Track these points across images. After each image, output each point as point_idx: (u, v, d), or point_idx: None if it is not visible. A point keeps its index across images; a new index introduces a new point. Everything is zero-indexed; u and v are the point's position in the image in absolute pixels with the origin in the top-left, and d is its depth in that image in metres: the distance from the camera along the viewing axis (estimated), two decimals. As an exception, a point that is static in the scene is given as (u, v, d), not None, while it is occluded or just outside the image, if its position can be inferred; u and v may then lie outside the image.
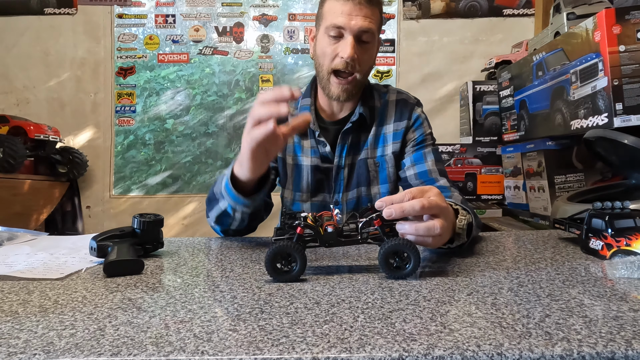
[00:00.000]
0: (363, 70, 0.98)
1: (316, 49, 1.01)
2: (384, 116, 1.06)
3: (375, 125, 1.06)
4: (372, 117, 1.06)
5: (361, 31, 0.93)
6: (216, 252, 0.77)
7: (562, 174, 1.58)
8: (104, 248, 0.67)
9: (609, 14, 1.17)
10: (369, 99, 1.07)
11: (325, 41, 0.97)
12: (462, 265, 0.64)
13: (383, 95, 1.09)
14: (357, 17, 0.92)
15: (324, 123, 1.06)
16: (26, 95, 2.50)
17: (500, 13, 2.51)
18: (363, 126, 1.05)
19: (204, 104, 2.60)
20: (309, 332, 0.40)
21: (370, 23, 0.94)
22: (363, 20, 0.93)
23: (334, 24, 0.93)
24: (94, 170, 2.51)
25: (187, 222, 2.53)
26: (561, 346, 0.36)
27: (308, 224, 0.59)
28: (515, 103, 1.78)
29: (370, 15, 0.94)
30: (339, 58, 0.94)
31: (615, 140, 1.07)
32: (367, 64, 0.99)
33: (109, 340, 0.39)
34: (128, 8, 2.56)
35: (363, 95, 1.06)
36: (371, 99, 1.08)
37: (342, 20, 0.92)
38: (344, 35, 0.94)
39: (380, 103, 1.07)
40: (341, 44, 0.94)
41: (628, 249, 0.62)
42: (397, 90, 1.10)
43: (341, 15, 0.93)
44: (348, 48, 0.92)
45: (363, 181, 1.05)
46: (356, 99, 1.05)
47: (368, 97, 1.07)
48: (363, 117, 1.03)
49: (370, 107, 1.06)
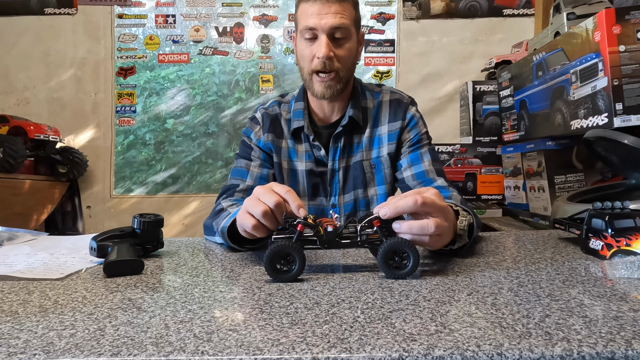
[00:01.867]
0: (344, 66, 0.98)
1: (297, 54, 1.02)
2: (377, 117, 1.06)
3: (370, 127, 1.05)
4: (365, 119, 1.05)
5: (333, 28, 0.94)
6: (216, 252, 0.77)
7: (562, 174, 1.58)
8: (104, 248, 0.67)
9: (609, 14, 1.17)
10: (360, 99, 1.06)
11: (302, 45, 0.98)
12: (462, 265, 0.63)
13: (376, 96, 1.08)
14: (327, 16, 0.93)
15: (317, 127, 1.06)
16: (26, 95, 2.50)
17: (500, 13, 2.51)
18: (355, 128, 1.04)
19: (204, 104, 2.60)
20: (309, 332, 0.40)
21: (342, 18, 0.94)
22: (333, 18, 0.93)
23: (307, 26, 0.94)
24: (94, 170, 2.51)
25: (188, 222, 2.53)
26: (561, 346, 0.36)
27: (308, 223, 0.59)
28: (515, 103, 1.78)
29: (341, 12, 0.94)
30: (316, 59, 0.95)
31: (615, 140, 1.06)
32: (348, 60, 0.98)
33: (109, 340, 0.39)
34: (128, 8, 2.56)
35: (353, 96, 1.05)
36: (363, 99, 1.07)
37: (313, 21, 0.93)
38: (317, 35, 0.95)
39: (373, 104, 1.07)
40: (316, 45, 0.95)
41: (628, 249, 0.62)
42: (390, 89, 1.10)
43: (312, 16, 0.93)
44: (322, 47, 0.93)
45: (359, 183, 1.05)
46: (346, 100, 1.04)
47: (359, 98, 1.06)
48: (353, 119, 1.02)
49: (363, 109, 1.06)
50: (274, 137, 1.05)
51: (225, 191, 1.01)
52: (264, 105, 1.10)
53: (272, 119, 1.06)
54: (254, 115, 1.09)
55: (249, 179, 1.02)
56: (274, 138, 1.05)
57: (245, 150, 1.07)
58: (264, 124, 1.06)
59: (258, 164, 1.04)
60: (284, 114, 1.07)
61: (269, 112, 1.07)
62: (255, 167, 1.04)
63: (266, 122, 1.06)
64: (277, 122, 1.06)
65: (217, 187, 2.59)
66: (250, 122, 1.08)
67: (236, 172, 1.05)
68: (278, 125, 1.06)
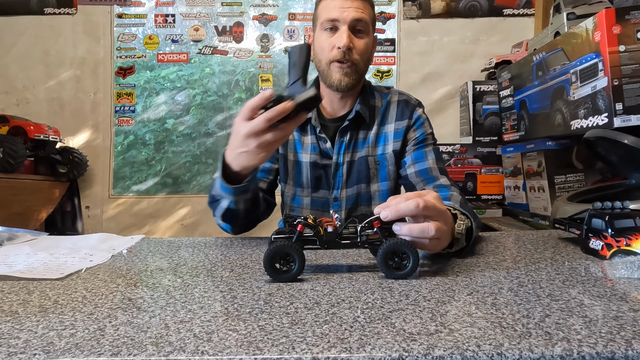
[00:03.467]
0: (362, 59, 1.02)
1: (315, 47, 1.05)
2: (385, 116, 1.09)
3: (377, 125, 1.08)
4: (372, 116, 1.08)
5: (355, 20, 0.98)
6: (216, 252, 0.77)
7: (562, 174, 1.58)
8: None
9: (609, 14, 1.17)
10: (369, 98, 1.09)
11: (322, 36, 1.02)
12: (462, 265, 0.64)
13: (385, 96, 1.11)
14: (349, 9, 0.98)
15: (324, 120, 1.09)
16: (26, 95, 2.50)
17: (500, 13, 2.51)
18: (362, 124, 1.07)
19: (204, 104, 2.60)
20: (309, 332, 0.40)
21: (363, 13, 1.00)
22: (355, 11, 0.98)
23: (328, 18, 0.99)
24: (94, 170, 2.51)
25: (187, 223, 2.53)
26: (561, 346, 0.36)
27: (308, 223, 0.59)
28: (515, 103, 1.78)
29: (362, 8, 1.00)
30: (336, 49, 0.99)
31: (615, 140, 1.06)
32: (364, 54, 1.02)
33: (109, 340, 0.39)
34: (128, 8, 2.56)
35: (362, 94, 1.08)
36: (372, 98, 1.10)
37: (335, 13, 0.98)
38: (338, 27, 0.99)
39: (381, 103, 1.10)
40: (337, 36, 0.99)
41: (628, 249, 0.62)
42: (398, 91, 1.13)
43: (334, 9, 0.99)
44: (344, 37, 0.97)
45: (363, 178, 1.06)
46: (355, 96, 1.08)
47: (368, 97, 1.09)
48: (360, 114, 1.05)
49: (370, 107, 1.09)
50: None
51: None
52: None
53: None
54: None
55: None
56: None
57: None
58: None
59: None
60: None
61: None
62: None
63: None
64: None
65: (217, 187, 2.58)
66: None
67: None
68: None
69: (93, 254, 0.73)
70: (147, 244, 0.84)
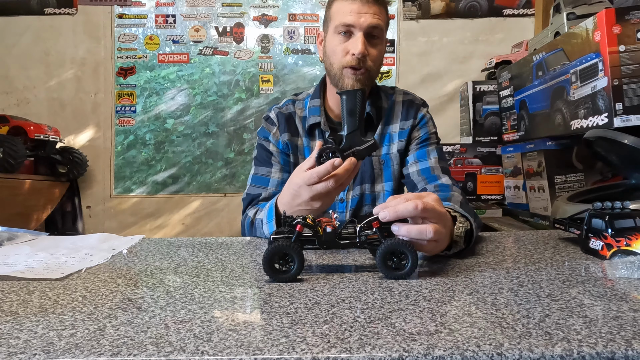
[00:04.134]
0: (375, 66, 1.00)
1: (326, 50, 1.03)
2: (390, 116, 1.09)
3: (382, 124, 1.08)
4: (379, 117, 1.08)
5: (370, 27, 0.96)
6: (216, 252, 0.77)
7: (562, 174, 1.58)
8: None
9: (609, 14, 1.17)
10: (376, 99, 1.09)
11: (335, 40, 0.99)
12: (462, 265, 0.63)
13: (390, 97, 1.11)
14: (365, 15, 0.95)
15: (332, 123, 1.08)
16: (26, 95, 2.50)
17: (500, 13, 2.51)
18: (369, 126, 1.07)
19: (204, 104, 2.60)
20: (309, 332, 0.40)
21: (379, 20, 0.96)
22: (372, 17, 0.95)
23: (344, 23, 0.96)
24: (94, 170, 2.51)
25: (188, 222, 2.53)
26: (561, 346, 0.36)
27: (307, 223, 0.59)
28: (515, 103, 1.78)
29: (378, 13, 0.97)
30: (350, 55, 0.96)
31: (615, 140, 1.06)
32: (377, 61, 1.01)
33: (109, 340, 0.39)
34: (128, 8, 2.56)
35: (370, 96, 1.08)
36: (378, 99, 1.10)
37: (351, 18, 0.95)
38: (353, 32, 0.96)
39: (387, 103, 1.10)
40: (351, 42, 0.96)
41: (628, 249, 0.62)
42: (403, 91, 1.13)
43: (350, 14, 0.95)
44: (359, 44, 0.94)
45: (367, 178, 1.06)
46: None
47: (375, 98, 1.09)
48: (370, 116, 1.06)
49: (378, 108, 1.09)
50: (290, 136, 1.06)
51: (249, 202, 1.03)
52: (278, 105, 1.12)
53: (287, 118, 1.08)
54: (268, 116, 1.10)
55: (271, 186, 1.04)
56: (290, 137, 1.06)
57: (263, 155, 1.08)
58: (280, 123, 1.07)
59: (278, 169, 1.06)
60: (298, 112, 1.09)
61: (283, 111, 1.09)
62: (275, 172, 1.05)
63: (281, 121, 1.07)
64: (292, 120, 1.08)
65: (217, 187, 2.59)
66: (266, 122, 1.09)
67: (257, 180, 1.06)
68: (293, 123, 1.08)
69: (93, 254, 0.73)
70: (147, 244, 0.84)
